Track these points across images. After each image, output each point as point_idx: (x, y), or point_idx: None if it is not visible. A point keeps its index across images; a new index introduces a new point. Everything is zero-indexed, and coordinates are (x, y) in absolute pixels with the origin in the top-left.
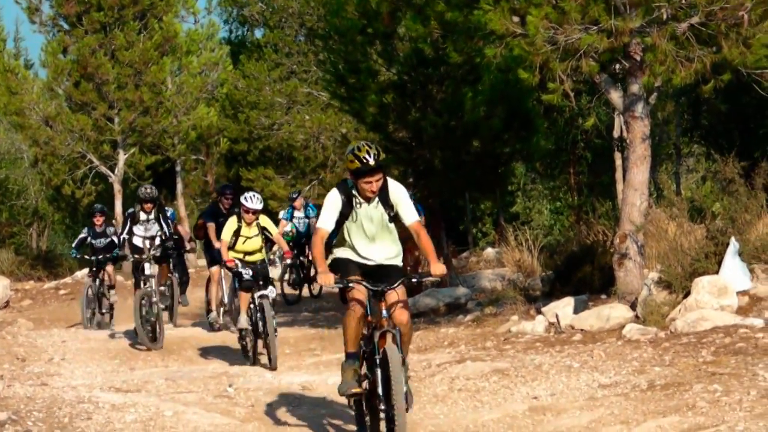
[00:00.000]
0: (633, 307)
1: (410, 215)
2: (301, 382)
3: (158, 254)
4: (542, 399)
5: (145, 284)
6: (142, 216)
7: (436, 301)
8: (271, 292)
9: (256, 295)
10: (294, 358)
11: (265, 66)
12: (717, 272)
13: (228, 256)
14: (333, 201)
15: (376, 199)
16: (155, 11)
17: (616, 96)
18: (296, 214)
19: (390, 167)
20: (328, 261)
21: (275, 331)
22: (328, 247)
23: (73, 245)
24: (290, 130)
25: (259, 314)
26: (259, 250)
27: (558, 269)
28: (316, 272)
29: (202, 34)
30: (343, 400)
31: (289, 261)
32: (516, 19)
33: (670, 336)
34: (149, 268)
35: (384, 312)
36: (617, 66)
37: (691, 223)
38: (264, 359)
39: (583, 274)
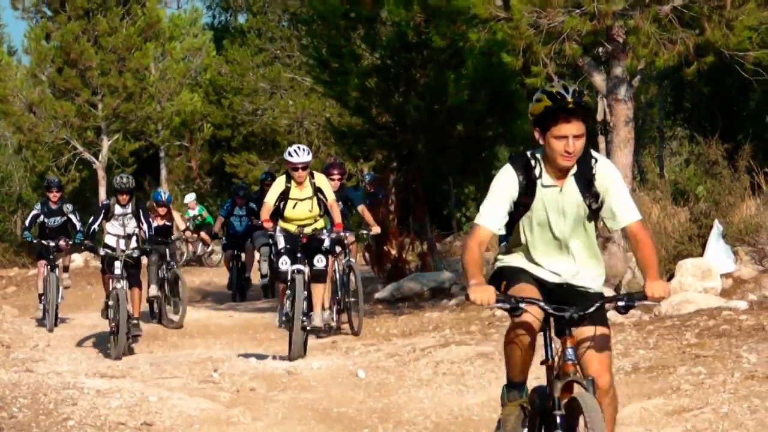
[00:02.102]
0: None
1: (627, 211)
2: (286, 367)
3: (134, 255)
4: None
5: (114, 286)
6: (118, 209)
7: (420, 285)
8: (320, 261)
9: (315, 265)
10: (279, 343)
11: (249, 51)
12: (701, 255)
13: (266, 216)
14: (502, 185)
15: (572, 179)
16: None
17: (599, 79)
18: (237, 210)
19: (371, 150)
20: (497, 266)
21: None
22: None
23: (26, 223)
24: (274, 115)
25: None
26: (314, 219)
27: None
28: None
29: (185, 19)
30: (330, 383)
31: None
32: (499, 2)
33: (654, 319)
34: (119, 267)
35: (569, 352)
36: (600, 49)
37: (674, 206)
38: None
39: None
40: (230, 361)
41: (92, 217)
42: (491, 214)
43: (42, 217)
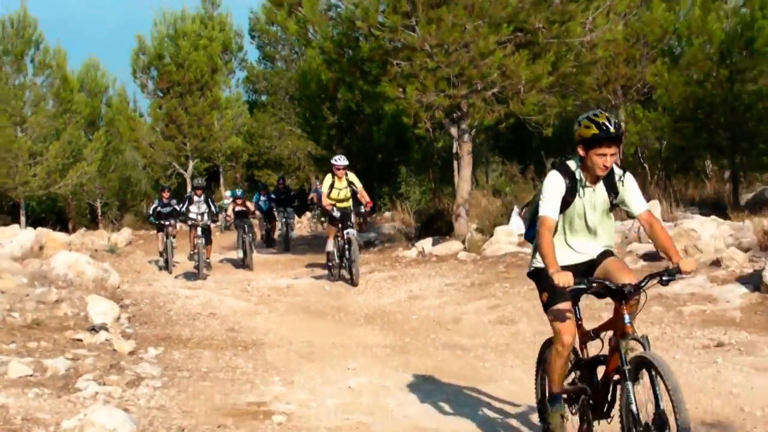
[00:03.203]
0: (463, 242)
1: (640, 203)
2: (288, 283)
3: (208, 223)
4: (415, 292)
5: (196, 243)
6: (196, 198)
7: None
8: (353, 229)
9: (345, 231)
10: (284, 270)
11: (267, 115)
12: (507, 224)
13: (327, 202)
14: (555, 185)
15: (601, 182)
16: (209, 86)
17: (453, 130)
18: (262, 198)
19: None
20: (534, 266)
21: (358, 257)
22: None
23: (150, 212)
24: (281, 149)
25: (347, 246)
26: (347, 200)
27: (423, 223)
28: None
29: (233, 98)
30: (310, 292)
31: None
32: (400, 90)
33: (483, 258)
34: (200, 231)
35: (626, 318)
36: (454, 114)
37: (493, 198)
38: (347, 275)
39: (437, 225)
40: (257, 280)
41: (182, 204)
42: (551, 207)
43: (158, 207)
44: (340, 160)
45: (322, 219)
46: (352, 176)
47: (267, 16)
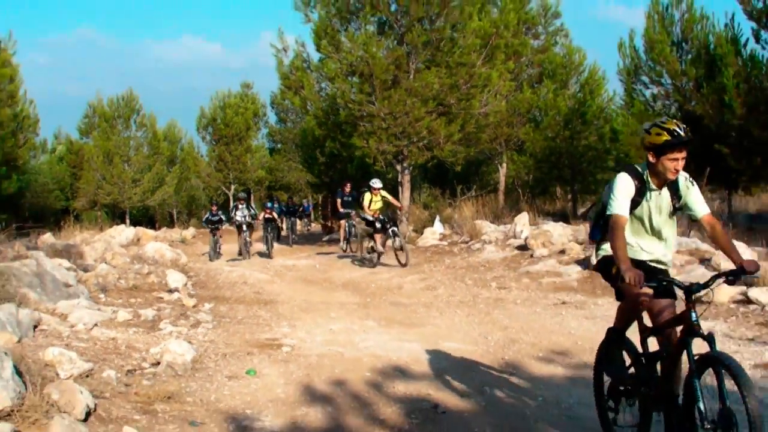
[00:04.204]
0: (404, 238)
1: (702, 206)
2: (293, 264)
3: (250, 222)
4: (372, 270)
5: (241, 236)
6: (240, 206)
7: (337, 235)
8: (396, 227)
9: (390, 230)
10: (289, 255)
11: (281, 156)
12: (432, 225)
13: (370, 211)
14: (625, 185)
15: (666, 186)
16: (245, 138)
17: (398, 167)
18: (275, 205)
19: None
20: (601, 255)
21: (407, 246)
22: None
23: (203, 220)
24: (289, 178)
25: (397, 239)
26: (381, 209)
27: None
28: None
29: (260, 146)
30: (306, 269)
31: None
32: (365, 141)
33: (417, 248)
34: (246, 229)
35: (693, 315)
36: (399, 157)
37: (423, 210)
38: (400, 259)
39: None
40: (273, 261)
41: (229, 211)
42: (623, 206)
43: (209, 216)
44: (377, 183)
45: (321, 221)
46: (384, 193)
47: (281, 95)
